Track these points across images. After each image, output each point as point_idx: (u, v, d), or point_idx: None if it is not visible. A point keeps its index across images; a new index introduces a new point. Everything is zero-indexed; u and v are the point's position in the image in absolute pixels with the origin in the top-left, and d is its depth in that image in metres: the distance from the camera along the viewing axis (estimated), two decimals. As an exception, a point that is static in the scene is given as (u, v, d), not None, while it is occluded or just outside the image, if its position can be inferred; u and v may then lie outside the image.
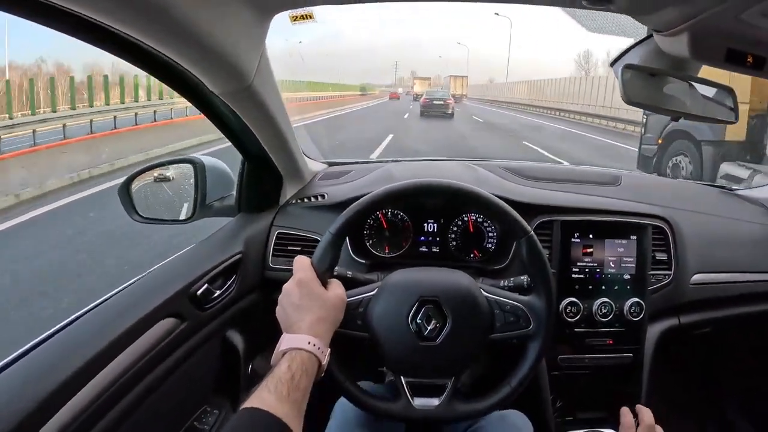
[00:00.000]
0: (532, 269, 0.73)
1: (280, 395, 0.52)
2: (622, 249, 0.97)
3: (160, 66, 0.63)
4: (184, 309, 0.81)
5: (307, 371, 0.57)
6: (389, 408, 0.70)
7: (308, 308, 0.63)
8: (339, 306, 0.67)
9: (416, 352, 0.69)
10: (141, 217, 1.02)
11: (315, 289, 0.65)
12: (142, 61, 0.61)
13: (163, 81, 0.67)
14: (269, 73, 0.76)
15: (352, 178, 1.13)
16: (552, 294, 0.71)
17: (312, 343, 0.60)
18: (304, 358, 0.58)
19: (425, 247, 1.03)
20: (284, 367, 0.56)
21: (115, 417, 0.68)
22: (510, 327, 0.71)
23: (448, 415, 0.70)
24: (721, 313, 1.08)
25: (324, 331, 0.63)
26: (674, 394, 1.22)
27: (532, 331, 0.71)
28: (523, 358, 0.72)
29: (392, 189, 0.73)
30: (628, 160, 6.83)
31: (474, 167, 1.12)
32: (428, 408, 0.69)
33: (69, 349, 0.65)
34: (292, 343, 0.59)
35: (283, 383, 0.54)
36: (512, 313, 0.71)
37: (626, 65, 0.75)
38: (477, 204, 0.75)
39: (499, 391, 0.71)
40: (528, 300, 0.72)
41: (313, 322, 0.62)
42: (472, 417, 0.73)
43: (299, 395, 0.54)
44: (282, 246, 1.01)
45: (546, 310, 0.71)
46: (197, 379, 0.93)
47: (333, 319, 0.65)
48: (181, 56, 0.61)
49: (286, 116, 0.89)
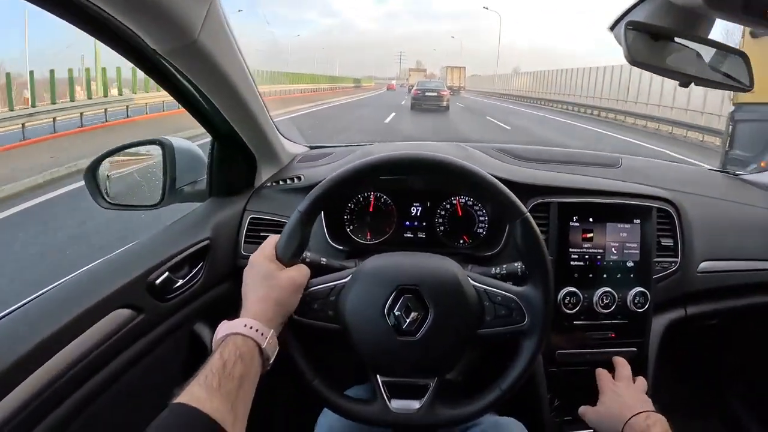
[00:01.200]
0: (527, 255, 0.65)
1: (210, 387, 0.47)
2: (624, 234, 0.89)
3: (92, 19, 0.56)
4: (140, 299, 0.74)
5: (243, 357, 0.51)
6: (362, 410, 0.62)
7: (252, 288, 0.58)
8: (289, 288, 0.59)
9: (393, 348, 0.61)
10: (108, 203, 0.96)
11: (266, 266, 0.59)
12: (70, 15, 0.54)
13: (100, 39, 0.60)
14: (221, 28, 0.68)
15: (332, 159, 1.05)
16: (550, 283, 0.62)
17: (248, 326, 0.53)
18: (239, 342, 0.52)
19: (410, 232, 0.96)
20: (216, 356, 0.51)
21: (63, 413, 0.62)
22: (501, 321, 0.63)
23: (428, 420, 0.62)
24: (728, 304, 1.00)
25: (264, 310, 0.56)
26: (679, 388, 1.14)
27: (527, 327, 0.62)
28: (516, 357, 0.63)
29: (369, 162, 0.65)
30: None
31: (464, 147, 1.04)
32: (407, 411, 0.61)
33: (9, 338, 0.59)
34: (228, 329, 0.54)
35: (214, 374, 0.48)
36: (504, 305, 0.63)
37: (629, 22, 0.67)
38: (465, 180, 0.66)
39: (488, 395, 0.63)
40: (522, 291, 0.64)
41: (254, 301, 0.57)
42: (456, 423, 0.64)
43: (233, 385, 0.48)
44: (255, 232, 0.94)
45: (543, 302, 0.62)
46: (162, 375, 0.85)
47: (279, 299, 0.58)
48: (114, 6, 0.54)
49: (250, 86, 0.81)
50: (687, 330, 0.99)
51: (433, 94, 16.01)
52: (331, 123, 12.05)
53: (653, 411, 0.70)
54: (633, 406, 0.71)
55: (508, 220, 0.66)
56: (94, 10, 0.53)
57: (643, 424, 0.67)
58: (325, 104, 18.02)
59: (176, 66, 0.68)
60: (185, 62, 0.68)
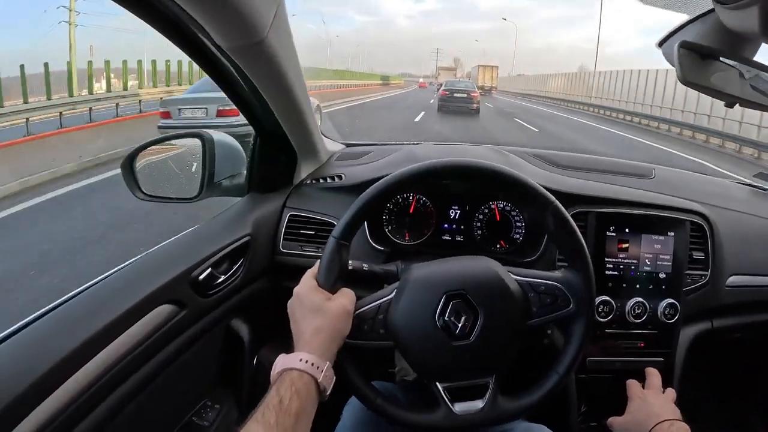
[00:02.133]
0: (563, 242, 0.66)
1: (267, 424, 0.48)
2: (658, 245, 0.91)
3: (159, 13, 0.56)
4: (183, 295, 0.74)
5: (299, 392, 0.51)
6: (428, 419, 0.62)
7: (305, 320, 0.58)
8: (341, 316, 0.59)
9: (449, 354, 0.61)
10: (144, 195, 0.96)
11: (313, 302, 0.59)
12: (141, 10, 0.54)
13: (163, 33, 0.60)
14: (286, 29, 0.69)
15: (371, 159, 1.06)
16: (589, 266, 0.64)
17: (304, 360, 0.54)
18: (295, 378, 0.52)
19: (449, 235, 0.97)
20: (273, 392, 0.51)
21: (108, 407, 0.62)
22: (548, 309, 0.64)
23: (496, 415, 0.62)
24: (755, 318, 1.02)
25: (320, 343, 0.56)
26: (704, 399, 1.16)
27: (573, 311, 0.64)
28: (568, 341, 0.65)
29: (396, 177, 0.65)
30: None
31: (503, 152, 1.06)
32: (473, 412, 0.62)
33: (59, 333, 0.59)
34: (284, 364, 0.54)
35: (271, 410, 0.49)
36: (549, 293, 0.64)
37: (683, 42, 0.69)
38: (495, 179, 0.67)
39: (548, 381, 0.64)
40: (563, 277, 0.65)
41: (309, 335, 0.57)
42: (522, 413, 0.65)
43: (290, 421, 0.49)
44: (294, 229, 0.95)
45: (585, 284, 0.64)
46: (198, 370, 0.86)
47: (333, 330, 0.58)
48: (187, 1, 0.54)
49: (303, 86, 0.82)
50: (713, 342, 1.01)
51: (462, 95, 14.66)
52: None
53: (679, 420, 0.71)
54: (659, 414, 0.72)
55: (539, 212, 0.67)
56: (165, 6, 0.54)
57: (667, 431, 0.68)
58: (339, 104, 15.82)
59: (237, 63, 0.68)
60: (247, 60, 0.68)
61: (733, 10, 0.64)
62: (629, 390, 0.82)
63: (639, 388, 0.82)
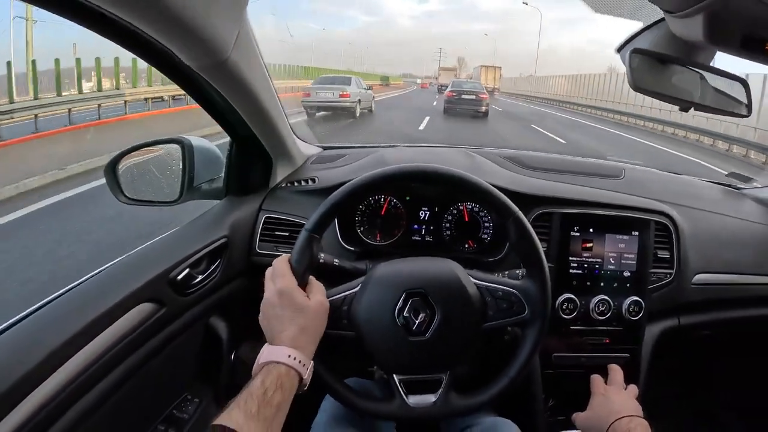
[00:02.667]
0: (522, 252, 0.69)
1: (249, 413, 0.51)
2: (623, 245, 0.93)
3: (129, 37, 0.59)
4: (163, 294, 0.78)
5: (283, 386, 0.55)
6: (384, 409, 0.67)
7: (290, 319, 0.61)
8: (321, 314, 0.64)
9: (406, 349, 0.65)
10: (127, 199, 0.99)
11: (297, 299, 0.62)
12: (107, 32, 0.57)
13: (135, 53, 0.63)
14: (251, 47, 0.72)
15: (345, 162, 1.09)
16: (546, 276, 0.67)
17: (292, 356, 0.57)
18: (282, 372, 0.56)
19: (418, 235, 1.00)
20: (258, 382, 0.54)
21: (90, 402, 0.66)
22: (504, 314, 0.67)
23: (446, 410, 0.66)
24: (721, 315, 1.05)
25: (306, 342, 0.60)
26: (671, 395, 1.19)
27: (528, 317, 0.67)
28: (521, 346, 0.68)
29: (369, 178, 0.69)
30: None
31: (472, 154, 1.08)
32: (425, 405, 0.66)
33: (42, 332, 0.62)
34: (271, 356, 0.57)
35: (254, 399, 0.52)
36: (505, 299, 0.67)
37: (635, 49, 0.71)
38: (461, 187, 0.70)
39: (498, 383, 0.68)
40: (521, 284, 0.68)
41: (294, 333, 0.60)
42: (472, 411, 0.69)
43: (270, 412, 0.52)
44: (270, 231, 0.98)
45: (541, 293, 0.67)
46: (178, 366, 0.90)
47: (316, 330, 0.63)
48: (150, 26, 0.57)
49: (273, 95, 0.85)
50: (680, 339, 1.03)
51: (470, 96, 13.92)
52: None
53: (638, 416, 0.73)
54: (619, 411, 0.74)
55: (502, 220, 0.70)
56: (132, 29, 0.56)
57: (626, 428, 0.70)
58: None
59: (206, 79, 0.72)
60: (215, 77, 0.71)
61: (680, 18, 0.66)
62: (592, 385, 0.85)
63: (602, 383, 0.84)
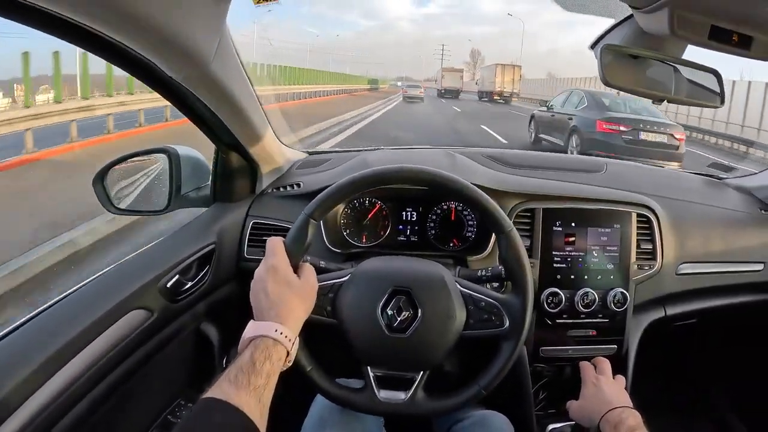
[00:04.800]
0: (510, 267, 0.70)
1: (240, 384, 0.52)
2: (605, 238, 0.95)
3: (113, 51, 0.60)
4: (153, 301, 0.79)
5: (271, 358, 0.56)
6: (353, 398, 0.69)
7: (279, 296, 0.62)
8: (310, 294, 0.65)
9: (384, 344, 0.67)
10: (116, 209, 1.01)
11: (287, 276, 0.63)
12: (90, 46, 0.58)
13: (119, 66, 0.64)
14: (231, 56, 0.73)
15: (329, 166, 1.10)
16: (530, 294, 0.68)
17: (279, 331, 0.58)
18: (269, 345, 0.57)
19: (403, 235, 1.01)
20: (247, 356, 0.55)
21: (84, 409, 0.67)
22: (484, 324, 0.69)
23: (412, 410, 0.68)
24: (707, 304, 1.06)
25: (293, 319, 0.62)
26: (660, 384, 1.20)
27: (506, 331, 0.68)
28: (495, 357, 0.69)
29: (372, 172, 0.71)
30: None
31: (453, 154, 1.09)
32: (393, 402, 0.68)
33: (35, 341, 0.64)
34: (258, 331, 0.58)
35: (244, 372, 0.53)
36: (487, 310, 0.69)
37: (606, 45, 0.72)
38: (456, 193, 0.71)
39: (468, 390, 0.69)
40: (504, 298, 0.70)
41: (283, 310, 0.61)
42: (438, 414, 0.71)
43: (261, 381, 0.53)
44: (257, 236, 0.99)
45: (522, 310, 0.68)
46: (171, 372, 0.91)
47: (303, 308, 0.64)
48: (133, 40, 0.58)
49: (255, 103, 0.86)
50: (667, 329, 1.04)
51: (657, 136, 10.47)
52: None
53: (629, 407, 0.74)
54: (610, 402, 0.76)
55: (494, 232, 0.71)
56: (116, 44, 0.58)
57: (618, 418, 0.72)
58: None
59: (189, 89, 0.73)
60: (198, 87, 0.73)
61: (645, 13, 0.67)
62: (583, 373, 0.86)
63: (592, 371, 0.85)
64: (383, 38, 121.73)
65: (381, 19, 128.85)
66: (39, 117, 6.47)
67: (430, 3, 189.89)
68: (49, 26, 0.52)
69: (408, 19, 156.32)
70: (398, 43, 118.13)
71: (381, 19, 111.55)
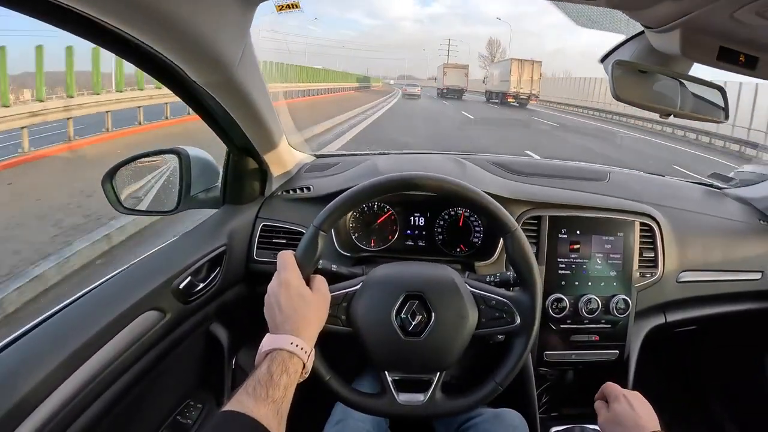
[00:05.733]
0: (518, 265, 0.72)
1: (258, 397, 0.53)
2: (609, 245, 0.97)
3: (140, 55, 0.61)
4: (166, 302, 0.80)
5: (288, 371, 0.57)
6: (374, 404, 0.70)
7: (293, 309, 0.63)
8: (323, 306, 0.66)
9: (400, 348, 0.68)
10: (125, 209, 1.00)
11: (299, 289, 0.64)
12: (120, 50, 0.59)
13: (144, 70, 0.65)
14: (253, 63, 0.74)
15: (338, 170, 1.11)
16: (538, 290, 0.70)
17: (294, 344, 0.59)
18: (285, 358, 0.58)
19: (411, 240, 1.03)
20: (264, 369, 0.56)
21: (98, 410, 0.68)
22: (496, 323, 0.70)
23: (432, 411, 0.69)
24: (706, 311, 1.09)
25: (308, 331, 0.63)
26: (660, 390, 1.23)
27: (518, 327, 0.70)
28: (509, 354, 0.71)
29: (378, 182, 0.72)
30: None
31: (461, 161, 1.11)
32: (413, 404, 0.69)
33: (51, 343, 0.64)
34: (274, 344, 0.59)
35: (262, 385, 0.54)
36: (498, 308, 0.70)
37: (617, 61, 0.74)
38: (462, 198, 0.73)
39: (485, 387, 0.70)
40: (514, 295, 0.72)
41: (296, 322, 0.62)
42: (457, 413, 0.72)
43: (279, 393, 0.54)
44: (267, 238, 1.00)
45: (531, 305, 0.70)
46: (181, 373, 0.92)
47: (318, 320, 0.65)
48: (162, 45, 0.59)
49: (271, 108, 0.87)
50: (667, 335, 1.07)
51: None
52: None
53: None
54: (646, 426, 0.69)
55: (501, 233, 0.73)
56: (144, 48, 0.58)
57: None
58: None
59: (210, 93, 0.74)
60: (219, 91, 0.74)
61: (658, 33, 0.69)
62: (608, 391, 0.76)
63: (618, 387, 0.76)
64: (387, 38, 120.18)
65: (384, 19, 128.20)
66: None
67: (434, 3, 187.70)
68: (83, 31, 0.53)
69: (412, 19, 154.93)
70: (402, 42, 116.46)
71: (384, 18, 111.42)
